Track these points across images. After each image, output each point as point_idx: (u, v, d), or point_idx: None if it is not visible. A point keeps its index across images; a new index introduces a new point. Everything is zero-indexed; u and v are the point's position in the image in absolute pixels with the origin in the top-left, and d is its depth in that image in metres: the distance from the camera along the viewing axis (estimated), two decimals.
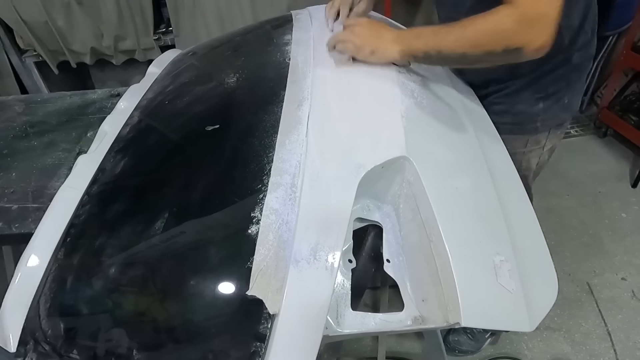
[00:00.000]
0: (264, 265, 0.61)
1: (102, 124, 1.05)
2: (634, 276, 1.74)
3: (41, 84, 2.66)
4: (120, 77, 2.77)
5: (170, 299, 0.65)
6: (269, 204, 0.68)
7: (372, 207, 0.77)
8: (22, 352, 0.62)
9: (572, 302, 1.66)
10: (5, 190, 1.01)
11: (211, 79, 1.12)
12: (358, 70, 0.91)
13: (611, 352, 1.50)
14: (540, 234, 0.74)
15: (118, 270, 0.68)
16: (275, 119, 0.84)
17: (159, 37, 2.52)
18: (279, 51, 1.09)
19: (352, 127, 0.79)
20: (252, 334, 0.56)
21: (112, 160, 0.89)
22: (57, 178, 1.03)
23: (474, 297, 0.60)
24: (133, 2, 2.36)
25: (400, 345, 1.57)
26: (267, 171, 0.73)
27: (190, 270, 0.65)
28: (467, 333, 1.50)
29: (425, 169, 0.72)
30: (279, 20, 1.31)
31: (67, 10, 2.36)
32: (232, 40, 1.35)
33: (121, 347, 0.59)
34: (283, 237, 0.64)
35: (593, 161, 2.35)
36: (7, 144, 1.19)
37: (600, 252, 1.85)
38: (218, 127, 0.88)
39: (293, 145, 0.77)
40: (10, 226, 0.91)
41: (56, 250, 0.73)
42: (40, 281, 0.69)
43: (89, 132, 1.19)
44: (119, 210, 0.79)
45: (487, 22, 0.72)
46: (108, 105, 1.32)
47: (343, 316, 0.64)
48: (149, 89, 1.15)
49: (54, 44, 2.48)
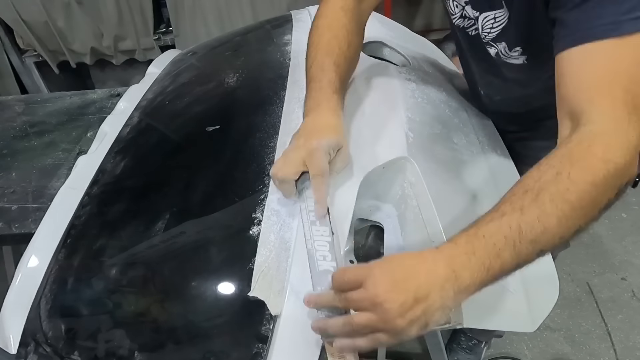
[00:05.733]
0: (265, 267, 0.61)
1: (102, 125, 1.05)
2: (634, 276, 1.74)
3: (41, 84, 2.66)
4: (120, 77, 2.77)
5: (171, 300, 0.65)
6: (270, 205, 0.68)
7: (373, 207, 0.77)
8: (22, 354, 0.62)
9: (572, 302, 1.66)
10: (5, 190, 1.00)
11: (211, 80, 1.11)
12: (358, 70, 0.91)
13: (611, 352, 1.50)
14: None
15: (119, 271, 0.68)
16: (276, 120, 0.84)
17: (159, 37, 2.52)
18: (279, 51, 1.09)
19: (353, 128, 0.79)
20: (254, 335, 0.56)
21: (112, 161, 0.89)
22: (57, 178, 1.02)
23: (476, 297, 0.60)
24: (133, 2, 2.36)
25: (400, 345, 1.57)
26: (268, 172, 0.73)
27: (192, 272, 0.65)
28: (464, 349, 1.50)
29: (427, 170, 0.72)
30: (279, 20, 1.31)
31: (67, 10, 2.35)
32: (232, 41, 1.34)
33: (122, 349, 0.59)
34: (284, 238, 0.64)
35: None
36: (7, 144, 1.19)
37: (600, 252, 1.85)
38: (218, 127, 0.88)
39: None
40: (10, 226, 0.91)
41: (57, 251, 0.73)
42: (40, 282, 0.69)
43: (89, 132, 1.18)
44: (120, 211, 0.79)
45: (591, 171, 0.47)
46: (108, 105, 1.32)
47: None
48: (149, 89, 1.15)
49: (54, 44, 2.48)
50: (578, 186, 0.47)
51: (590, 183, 0.47)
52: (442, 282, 0.46)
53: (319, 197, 0.62)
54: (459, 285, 0.46)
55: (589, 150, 0.49)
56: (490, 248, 0.46)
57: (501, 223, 0.47)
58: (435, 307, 0.46)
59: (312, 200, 0.63)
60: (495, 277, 0.47)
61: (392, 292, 0.45)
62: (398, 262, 0.49)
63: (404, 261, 0.49)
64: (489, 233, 0.47)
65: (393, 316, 0.45)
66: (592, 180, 0.47)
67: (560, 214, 0.46)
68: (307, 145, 0.63)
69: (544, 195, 0.47)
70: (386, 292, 0.45)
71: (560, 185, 0.47)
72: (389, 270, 0.48)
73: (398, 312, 0.45)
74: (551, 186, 0.47)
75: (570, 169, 0.47)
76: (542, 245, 0.47)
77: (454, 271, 0.46)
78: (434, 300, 0.46)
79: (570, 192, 0.46)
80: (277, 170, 0.64)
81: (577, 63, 0.54)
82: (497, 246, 0.46)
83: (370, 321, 0.46)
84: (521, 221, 0.46)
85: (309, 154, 0.62)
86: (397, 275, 0.47)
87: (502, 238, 0.46)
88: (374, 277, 0.47)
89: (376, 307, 0.45)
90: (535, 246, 0.47)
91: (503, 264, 0.46)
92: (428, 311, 0.46)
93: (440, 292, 0.46)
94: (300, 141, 0.65)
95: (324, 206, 0.62)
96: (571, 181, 0.47)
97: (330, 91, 0.70)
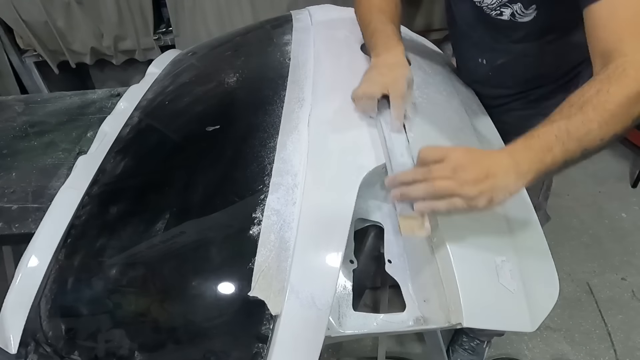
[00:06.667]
0: (265, 266, 0.61)
1: (102, 125, 1.05)
2: (634, 276, 1.74)
3: (41, 84, 2.65)
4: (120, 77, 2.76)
5: (172, 300, 0.65)
6: (270, 204, 0.68)
7: (373, 207, 0.77)
8: (23, 354, 0.62)
9: (572, 302, 1.66)
10: (5, 190, 1.00)
11: (211, 79, 1.11)
12: (359, 70, 0.91)
13: (611, 352, 1.50)
14: (541, 234, 0.74)
15: (119, 271, 0.68)
16: (276, 120, 0.84)
17: (159, 37, 2.51)
18: (279, 51, 1.09)
19: (353, 127, 0.79)
20: (255, 335, 0.56)
21: (112, 161, 0.89)
22: (57, 178, 1.02)
23: (476, 297, 0.60)
24: (133, 2, 2.35)
25: (400, 345, 1.57)
26: (268, 172, 0.73)
27: (192, 272, 0.65)
28: (466, 350, 1.50)
29: None
30: (279, 20, 1.31)
31: (67, 10, 2.35)
32: (232, 41, 1.34)
33: (122, 349, 0.59)
34: (284, 238, 0.64)
35: (593, 161, 2.32)
36: (7, 144, 1.19)
37: (600, 252, 1.85)
38: (218, 127, 0.88)
39: (294, 146, 0.77)
40: (10, 226, 0.91)
41: (57, 251, 0.73)
42: (41, 282, 0.69)
43: (89, 132, 1.18)
44: (120, 211, 0.79)
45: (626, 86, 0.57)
46: (108, 105, 1.32)
47: (345, 317, 0.63)
48: (149, 89, 1.15)
49: (54, 44, 2.47)
50: (615, 98, 0.56)
51: (626, 96, 0.56)
52: (507, 167, 0.57)
53: (397, 115, 0.74)
54: (519, 170, 0.57)
55: (624, 72, 0.58)
56: (543, 144, 0.57)
57: (552, 126, 0.57)
58: (501, 185, 0.56)
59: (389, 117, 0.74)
60: (548, 168, 0.57)
61: (470, 165, 0.56)
62: (474, 150, 0.61)
63: (478, 150, 0.61)
64: (542, 133, 0.58)
65: (469, 183, 0.55)
66: (627, 94, 0.56)
67: (600, 119, 0.56)
68: (392, 74, 0.76)
69: (588, 106, 0.57)
70: (465, 164, 0.56)
71: (601, 97, 0.57)
72: (468, 151, 0.59)
73: (473, 181, 0.55)
74: (593, 99, 0.57)
75: (609, 87, 0.57)
76: (586, 144, 0.56)
77: (515, 160, 0.57)
78: (501, 179, 0.56)
79: (609, 103, 0.56)
80: (363, 89, 0.77)
81: (606, 11, 0.63)
82: (549, 143, 0.56)
83: (449, 185, 0.56)
84: (569, 124, 0.56)
85: (394, 80, 0.75)
86: (474, 155, 0.58)
87: (553, 137, 0.56)
88: (456, 152, 0.58)
89: (456, 174, 0.56)
90: (581, 144, 0.56)
91: (554, 157, 0.56)
92: (495, 187, 0.56)
93: (506, 174, 0.56)
94: (383, 70, 0.78)
95: (401, 122, 0.75)
96: (610, 94, 0.57)
97: (397, 39, 0.84)
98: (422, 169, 0.59)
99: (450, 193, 0.56)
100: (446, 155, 0.57)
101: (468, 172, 0.56)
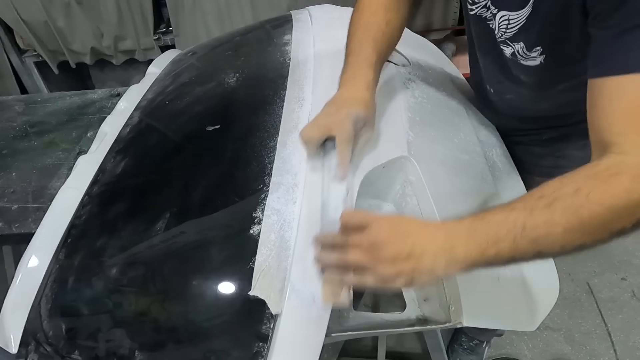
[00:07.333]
0: (266, 266, 0.61)
1: (102, 125, 1.05)
2: (634, 276, 1.74)
3: (41, 84, 2.65)
4: (120, 77, 2.76)
5: (172, 299, 0.65)
6: (270, 204, 0.68)
7: (373, 206, 0.77)
8: (23, 354, 0.62)
9: (572, 302, 1.66)
10: (5, 190, 1.00)
11: (211, 79, 1.11)
12: None
13: (611, 352, 1.50)
14: None
15: (119, 271, 0.68)
16: (276, 119, 0.84)
17: (159, 37, 2.52)
18: (279, 51, 1.09)
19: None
20: (255, 334, 0.56)
21: (112, 161, 0.89)
22: (57, 178, 1.02)
23: (476, 296, 0.61)
24: (133, 2, 2.35)
25: (400, 345, 1.57)
26: (269, 171, 0.73)
27: (192, 271, 0.65)
28: (465, 350, 1.50)
29: (427, 169, 0.72)
30: (279, 20, 1.31)
31: (67, 10, 2.35)
32: (232, 40, 1.34)
33: (123, 348, 0.59)
34: (285, 237, 0.64)
35: None
36: (7, 144, 1.18)
37: (600, 252, 1.84)
38: (219, 127, 0.88)
39: (294, 145, 0.77)
40: (11, 226, 0.91)
41: (57, 251, 0.73)
42: (41, 282, 0.69)
43: (89, 132, 1.18)
44: (120, 211, 0.79)
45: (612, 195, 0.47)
46: (108, 105, 1.31)
47: (345, 316, 0.64)
48: (149, 89, 1.15)
49: (54, 44, 2.47)
50: (594, 206, 0.46)
51: (608, 207, 0.46)
52: (437, 250, 0.49)
53: (342, 161, 0.67)
54: (452, 257, 0.49)
55: (616, 177, 0.48)
56: (490, 234, 0.48)
57: (508, 216, 0.49)
58: (425, 269, 0.49)
59: (334, 162, 0.68)
60: (489, 262, 0.49)
61: (391, 240, 0.50)
62: (404, 221, 0.55)
63: (409, 221, 0.54)
64: (493, 221, 0.49)
65: (384, 261, 0.49)
66: (611, 204, 0.46)
67: (567, 225, 0.47)
68: (338, 114, 0.68)
69: (557, 205, 0.47)
70: (385, 239, 0.50)
71: (576, 200, 0.47)
72: (393, 223, 0.53)
73: (390, 260, 0.49)
74: (567, 198, 0.47)
75: (592, 189, 0.47)
76: (541, 248, 0.48)
77: (450, 243, 0.49)
78: (425, 262, 0.49)
79: (584, 209, 0.46)
80: (306, 132, 0.70)
81: (610, 93, 0.53)
82: (497, 234, 0.48)
83: (362, 260, 0.50)
84: (527, 220, 0.47)
85: (338, 121, 0.67)
86: (399, 229, 0.52)
87: (505, 230, 0.48)
88: (379, 223, 0.52)
89: (372, 249, 0.50)
90: (535, 247, 0.48)
91: (498, 252, 0.48)
92: (416, 269, 0.49)
93: (433, 257, 0.49)
94: (332, 109, 0.70)
95: (345, 169, 0.67)
96: (588, 200, 0.47)
97: (366, 65, 0.73)
98: (342, 236, 0.53)
99: (363, 268, 0.50)
100: (368, 224, 0.51)
101: (387, 249, 0.49)
